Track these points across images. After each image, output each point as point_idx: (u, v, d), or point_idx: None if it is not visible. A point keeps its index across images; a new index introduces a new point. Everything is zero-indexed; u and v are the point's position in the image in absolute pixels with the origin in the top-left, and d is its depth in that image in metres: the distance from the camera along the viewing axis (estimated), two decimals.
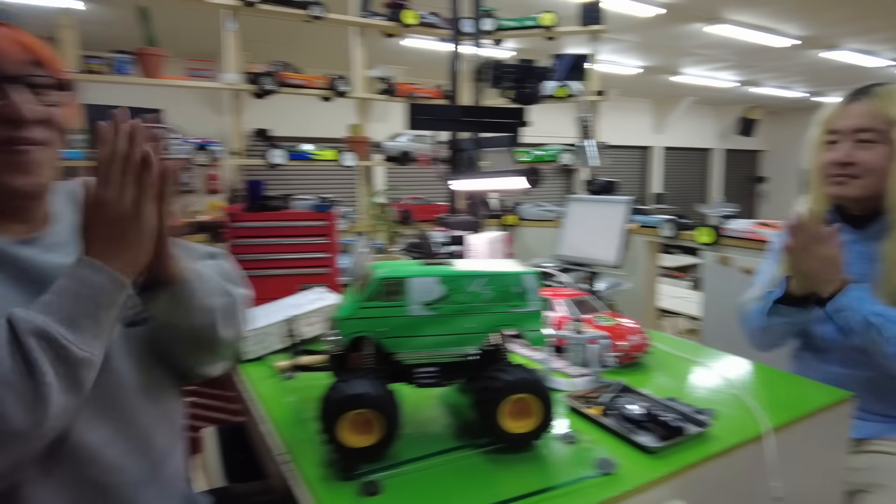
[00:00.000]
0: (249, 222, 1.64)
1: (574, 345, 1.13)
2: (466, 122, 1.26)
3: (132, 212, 0.69)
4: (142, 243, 0.71)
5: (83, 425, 0.72)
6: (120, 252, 0.69)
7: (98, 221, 0.69)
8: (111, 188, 0.68)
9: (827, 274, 1.21)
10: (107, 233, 0.69)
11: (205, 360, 0.93)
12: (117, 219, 0.68)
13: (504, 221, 3.05)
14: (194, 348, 0.87)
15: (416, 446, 0.89)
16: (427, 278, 0.87)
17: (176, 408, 0.92)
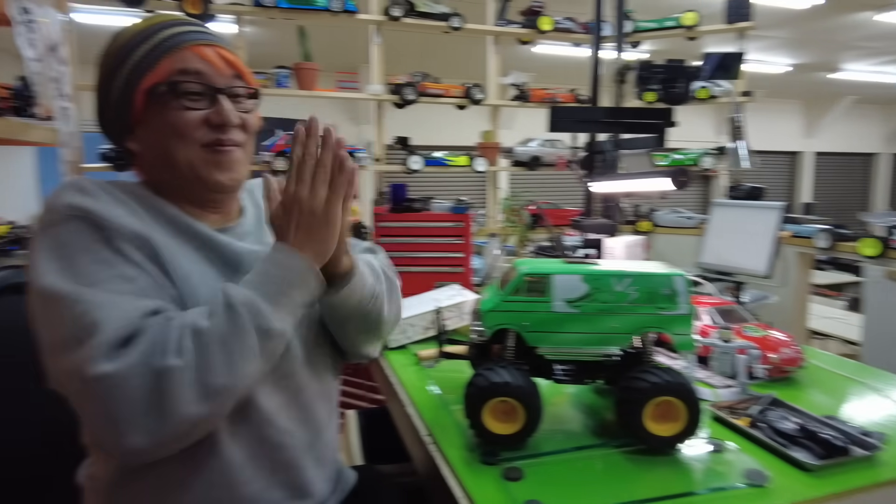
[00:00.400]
0: (392, 222, 1.75)
1: (720, 354, 1.08)
2: (609, 123, 1.26)
3: (323, 209, 0.77)
4: (330, 237, 0.79)
5: (263, 392, 0.83)
6: (310, 244, 0.78)
7: (291, 216, 0.77)
8: (304, 187, 0.76)
9: None
10: (299, 226, 0.77)
11: (369, 340, 1.01)
12: (309, 214, 0.77)
13: (638, 228, 2.96)
14: (362, 330, 0.95)
15: (554, 440, 0.91)
16: (571, 276, 0.89)
17: (333, 385, 1.01)
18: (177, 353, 0.67)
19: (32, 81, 1.97)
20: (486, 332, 0.92)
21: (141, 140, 0.85)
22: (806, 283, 2.72)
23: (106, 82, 0.84)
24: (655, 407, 0.85)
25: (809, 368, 1.23)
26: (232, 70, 0.86)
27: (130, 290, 0.71)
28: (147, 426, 0.65)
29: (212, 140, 0.83)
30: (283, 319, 0.74)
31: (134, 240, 0.74)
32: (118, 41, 0.84)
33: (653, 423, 0.85)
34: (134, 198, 0.82)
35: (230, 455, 0.79)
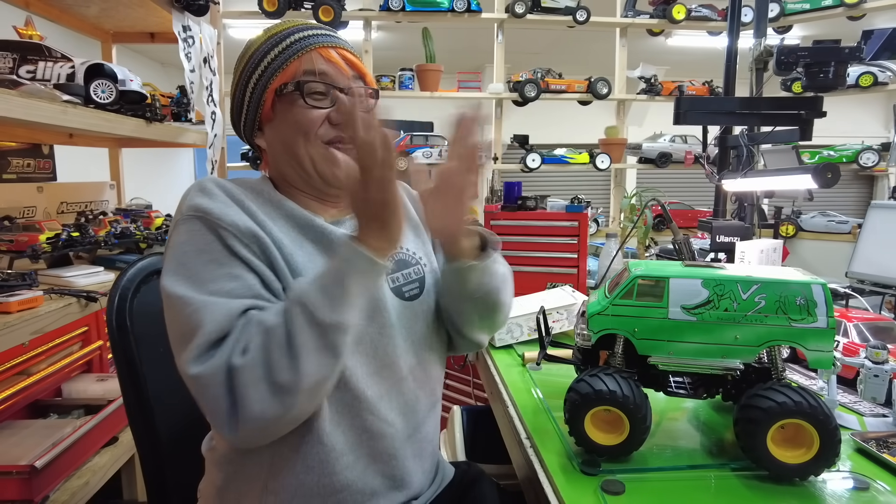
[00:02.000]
0: (504, 220, 1.73)
1: (870, 377, 0.94)
2: (744, 115, 1.13)
3: (378, 194, 0.75)
4: (389, 219, 0.77)
5: (365, 380, 0.85)
6: (371, 230, 0.77)
7: (355, 203, 0.77)
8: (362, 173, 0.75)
9: None
10: (362, 212, 0.77)
11: (484, 325, 1.01)
12: (363, 202, 0.76)
13: (781, 232, 2.67)
14: (481, 313, 0.95)
15: (662, 456, 0.85)
16: (689, 280, 0.82)
17: (437, 378, 1.02)
18: (242, 354, 0.70)
19: (189, 90, 2.20)
20: (590, 336, 0.87)
21: (268, 137, 0.91)
22: None
23: (241, 84, 0.91)
24: (781, 430, 0.76)
25: None
26: (354, 71, 0.90)
27: (236, 287, 0.75)
28: (233, 421, 0.69)
29: (333, 137, 0.87)
30: (339, 310, 0.73)
31: (245, 237, 0.79)
32: (253, 46, 0.91)
33: (777, 447, 0.76)
34: (255, 194, 0.87)
35: (331, 441, 0.82)
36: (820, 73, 1.06)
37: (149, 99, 1.82)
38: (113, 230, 1.82)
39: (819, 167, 1.09)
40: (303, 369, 0.71)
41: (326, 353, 0.73)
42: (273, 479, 0.83)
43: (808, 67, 1.07)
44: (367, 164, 0.74)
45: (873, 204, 1.48)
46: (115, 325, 1.00)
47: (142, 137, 1.86)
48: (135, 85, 1.71)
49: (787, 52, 1.07)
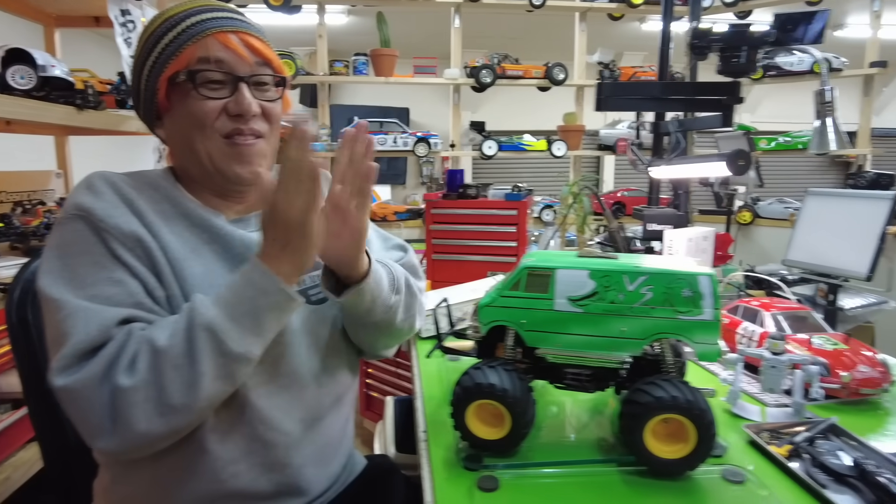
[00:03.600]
0: (445, 209, 1.71)
1: (768, 368, 0.93)
2: (665, 100, 1.11)
3: (299, 220, 0.72)
4: (307, 249, 0.75)
5: (259, 391, 0.82)
6: (287, 256, 0.74)
7: (269, 223, 0.74)
8: (283, 194, 0.72)
9: None
10: (276, 236, 0.74)
11: (382, 343, 0.99)
12: (284, 225, 0.72)
13: (739, 219, 2.67)
14: (374, 333, 0.93)
15: (551, 450, 0.83)
16: (576, 271, 0.80)
17: (346, 383, 0.99)
18: (129, 372, 0.67)
19: (128, 77, 2.14)
20: (481, 328, 0.85)
21: (167, 128, 0.85)
22: None
23: (136, 71, 0.85)
24: (661, 425, 0.75)
25: None
26: (257, 57, 0.83)
27: (116, 294, 0.72)
28: (111, 434, 0.67)
29: (231, 130, 0.81)
30: (249, 342, 0.72)
31: (128, 241, 0.75)
32: (148, 29, 0.84)
33: (656, 442, 0.75)
34: (153, 189, 0.82)
35: (217, 451, 0.79)
36: (733, 57, 1.04)
37: (79, 85, 1.77)
38: (46, 220, 1.77)
39: (732, 154, 1.07)
40: (199, 395, 0.69)
41: (226, 381, 0.72)
42: (157, 485, 0.81)
43: (722, 52, 1.05)
44: (300, 188, 0.71)
45: (809, 191, 1.47)
46: (14, 319, 0.96)
47: (74, 125, 1.80)
48: (58, 71, 1.65)
49: (700, 35, 1.04)
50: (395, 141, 2.60)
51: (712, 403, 0.96)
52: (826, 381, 0.98)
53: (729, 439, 0.86)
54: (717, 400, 0.98)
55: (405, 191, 4.78)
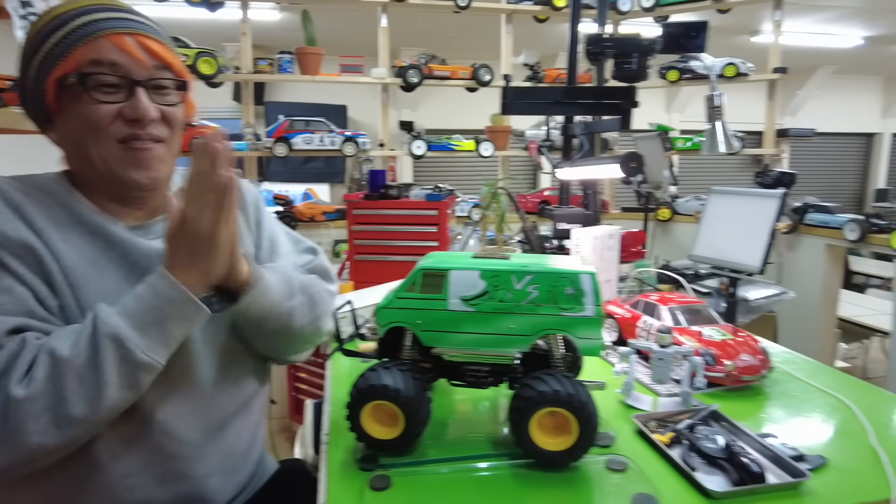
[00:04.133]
0: (366, 209, 1.71)
1: (657, 360, 0.98)
2: (566, 104, 1.15)
3: (209, 231, 0.72)
4: (217, 259, 0.74)
5: (159, 403, 0.80)
6: (195, 267, 0.73)
7: (179, 237, 0.73)
8: (192, 207, 0.71)
9: None
10: (184, 248, 0.73)
11: (285, 349, 0.98)
12: (194, 237, 0.72)
13: (658, 216, 2.79)
14: (274, 341, 0.92)
15: (448, 447, 0.85)
16: (469, 272, 0.82)
17: (252, 391, 0.98)
18: (23, 382, 0.64)
19: None
20: (379, 330, 0.86)
21: (59, 132, 0.81)
22: (837, 277, 2.49)
23: (22, 70, 0.81)
24: (548, 418, 0.77)
25: (781, 377, 1.11)
26: (156, 60, 0.80)
27: (5, 303, 0.69)
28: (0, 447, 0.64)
29: (127, 135, 0.79)
30: (154, 351, 0.71)
31: (16, 248, 0.72)
32: (35, 27, 0.79)
33: (543, 435, 0.78)
34: (44, 194, 0.79)
35: (115, 466, 0.77)
36: (625, 63, 1.09)
37: None
38: None
39: (624, 157, 1.12)
40: (102, 405, 0.67)
41: (130, 390, 0.70)
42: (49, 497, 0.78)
43: (615, 58, 1.10)
44: (208, 202, 0.70)
45: (712, 190, 1.56)
46: None
47: None
48: None
49: (594, 41, 1.09)
50: (322, 140, 2.58)
51: (607, 395, 1.02)
52: (712, 370, 1.04)
53: (621, 429, 0.91)
54: (613, 391, 1.03)
55: (344, 189, 4.74)
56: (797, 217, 2.48)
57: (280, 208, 2.51)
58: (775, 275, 2.26)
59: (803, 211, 2.46)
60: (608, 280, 1.43)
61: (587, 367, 1.05)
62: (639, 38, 1.11)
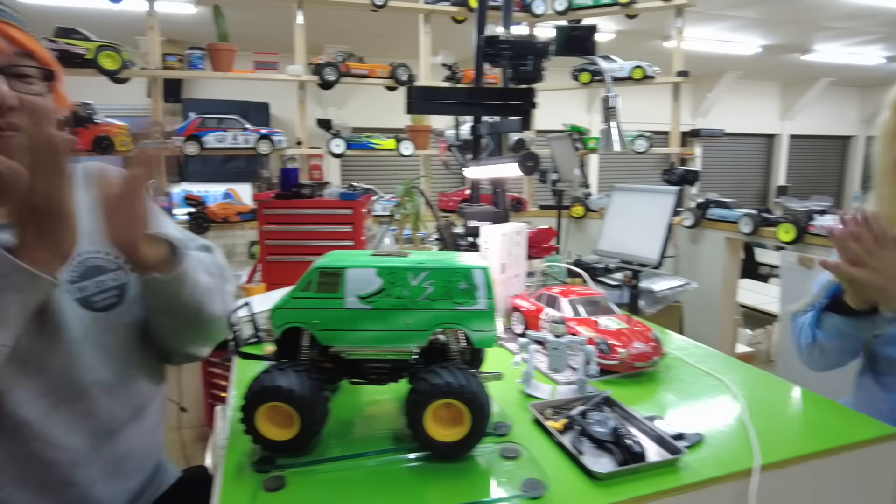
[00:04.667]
0: (278, 209, 1.68)
1: (552, 350, 1.02)
2: (469, 105, 1.18)
3: (44, 201, 0.68)
4: (60, 233, 0.71)
5: (30, 405, 0.76)
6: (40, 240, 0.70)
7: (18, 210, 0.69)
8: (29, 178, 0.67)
9: None
10: (26, 221, 0.69)
11: (194, 338, 0.96)
12: (31, 206, 0.68)
13: (573, 213, 2.90)
14: (189, 325, 0.90)
15: (348, 445, 0.85)
16: (365, 270, 0.82)
17: (146, 393, 0.94)
18: None
19: None
20: (275, 331, 0.86)
21: None
22: (735, 267, 2.67)
23: None
24: (441, 410, 0.79)
25: (674, 363, 1.18)
26: (16, 47, 0.77)
27: None
28: None
29: None
30: None
31: None
32: None
33: (438, 427, 0.79)
34: None
35: None
36: (521, 65, 1.13)
37: None
38: None
39: (522, 156, 1.16)
40: None
41: None
42: None
43: (512, 60, 1.14)
44: (39, 167, 0.67)
45: (615, 187, 1.63)
46: None
47: None
48: None
49: (490, 43, 1.13)
50: (236, 138, 2.50)
51: (509, 385, 1.05)
52: (607, 358, 1.09)
53: (519, 418, 0.94)
54: (514, 382, 1.06)
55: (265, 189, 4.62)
56: (700, 212, 2.64)
57: (192, 209, 2.42)
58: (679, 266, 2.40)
59: (705, 206, 2.63)
60: (516, 275, 1.47)
61: (494, 360, 1.08)
62: (534, 40, 1.15)
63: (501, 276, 1.43)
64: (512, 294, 1.44)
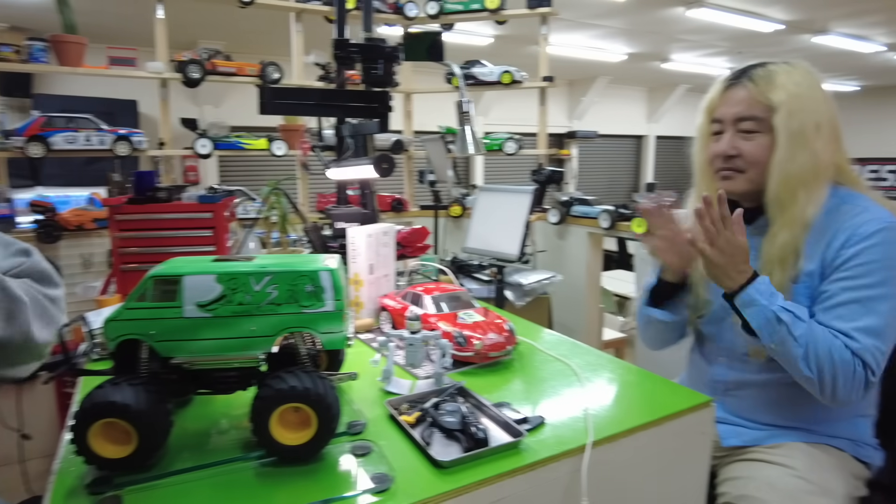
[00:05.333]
0: (132, 214, 1.58)
1: (408, 346, 1.05)
2: (326, 106, 1.18)
3: None
4: None
5: None
6: None
7: None
8: None
9: (736, 264, 1.09)
10: None
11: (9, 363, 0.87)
12: None
13: (451, 212, 2.98)
14: None
15: (194, 457, 0.83)
16: (203, 276, 0.80)
17: None
18: None
19: None
20: (108, 345, 0.81)
21: None
22: (598, 260, 2.89)
23: None
24: (289, 414, 0.79)
25: (527, 350, 1.25)
26: None
27: None
28: None
29: None
30: None
31: None
32: None
33: (286, 432, 0.79)
34: None
35: None
36: (372, 69, 1.16)
37: None
38: None
39: (377, 158, 1.19)
40: None
41: None
42: None
43: (363, 63, 1.16)
44: None
45: (479, 187, 1.70)
46: None
47: None
48: None
49: (340, 45, 1.14)
50: (89, 139, 2.31)
51: (369, 384, 1.07)
52: (463, 350, 1.14)
53: (377, 415, 0.96)
54: (375, 380, 1.08)
55: None
56: (564, 210, 2.82)
57: (39, 217, 2.20)
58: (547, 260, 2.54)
59: (569, 204, 2.81)
60: (385, 275, 1.49)
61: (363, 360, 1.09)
62: (384, 44, 1.18)
63: (370, 276, 1.44)
64: (381, 294, 1.46)
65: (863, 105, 9.55)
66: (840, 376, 1.02)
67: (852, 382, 1.02)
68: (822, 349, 1.03)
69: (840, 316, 1.06)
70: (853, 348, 1.02)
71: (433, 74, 4.94)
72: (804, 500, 1.07)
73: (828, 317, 1.07)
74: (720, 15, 5.02)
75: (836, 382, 1.02)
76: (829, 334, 1.04)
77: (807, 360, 1.04)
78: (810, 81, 1.14)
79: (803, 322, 1.05)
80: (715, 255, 1.09)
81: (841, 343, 1.03)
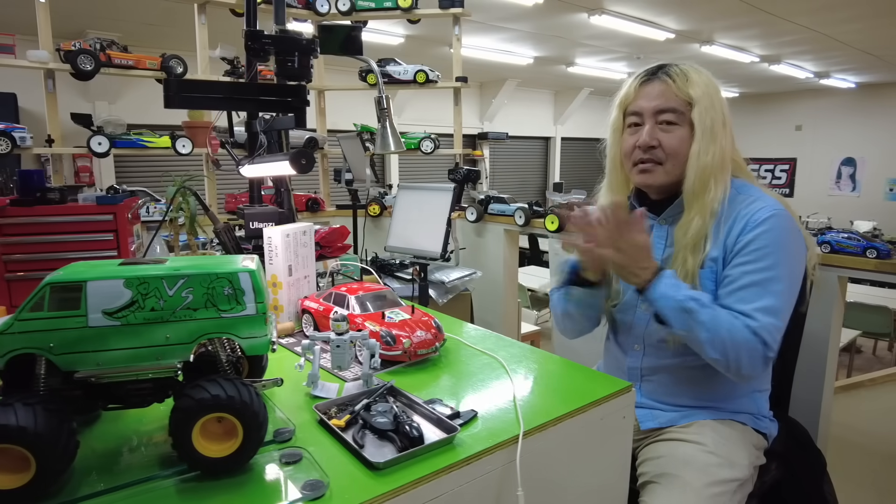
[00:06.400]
0: (18, 217, 1.42)
1: (335, 347, 1.02)
2: (237, 100, 1.12)
3: None
4: None
5: None
6: None
7: None
8: None
9: (639, 262, 1.15)
10: None
11: None
12: None
13: (370, 211, 2.94)
14: None
15: (113, 477, 0.76)
16: (109, 282, 0.73)
17: None
18: None
19: None
20: None
21: None
22: (515, 256, 2.96)
23: None
24: (212, 425, 0.74)
25: (455, 346, 1.26)
26: None
27: None
28: None
29: None
30: None
31: None
32: None
33: (210, 444, 0.74)
34: None
35: None
36: (287, 62, 1.12)
37: None
38: None
39: (294, 154, 1.15)
40: None
41: None
42: None
43: (277, 55, 1.12)
44: None
45: (399, 186, 1.69)
46: None
47: None
48: None
49: (253, 37, 1.10)
50: None
51: (295, 389, 1.03)
52: (391, 349, 1.13)
53: (305, 421, 0.92)
54: (301, 385, 1.04)
55: None
56: (482, 208, 2.87)
57: None
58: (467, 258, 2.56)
59: (487, 202, 2.86)
60: (306, 276, 1.44)
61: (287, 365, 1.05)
62: (299, 37, 1.14)
63: (289, 278, 1.39)
64: (302, 296, 1.41)
65: (741, 109, 10.45)
66: (744, 354, 1.10)
67: (754, 359, 1.11)
68: (726, 331, 1.10)
69: (741, 298, 1.14)
70: (753, 327, 1.11)
71: (346, 72, 4.86)
72: (714, 473, 1.14)
73: (731, 300, 1.15)
74: (619, 22, 5.30)
75: (741, 360, 1.10)
76: (731, 316, 1.12)
77: (713, 343, 1.11)
78: (714, 83, 1.23)
79: (708, 308, 1.12)
80: (618, 257, 1.15)
81: (741, 324, 1.11)
